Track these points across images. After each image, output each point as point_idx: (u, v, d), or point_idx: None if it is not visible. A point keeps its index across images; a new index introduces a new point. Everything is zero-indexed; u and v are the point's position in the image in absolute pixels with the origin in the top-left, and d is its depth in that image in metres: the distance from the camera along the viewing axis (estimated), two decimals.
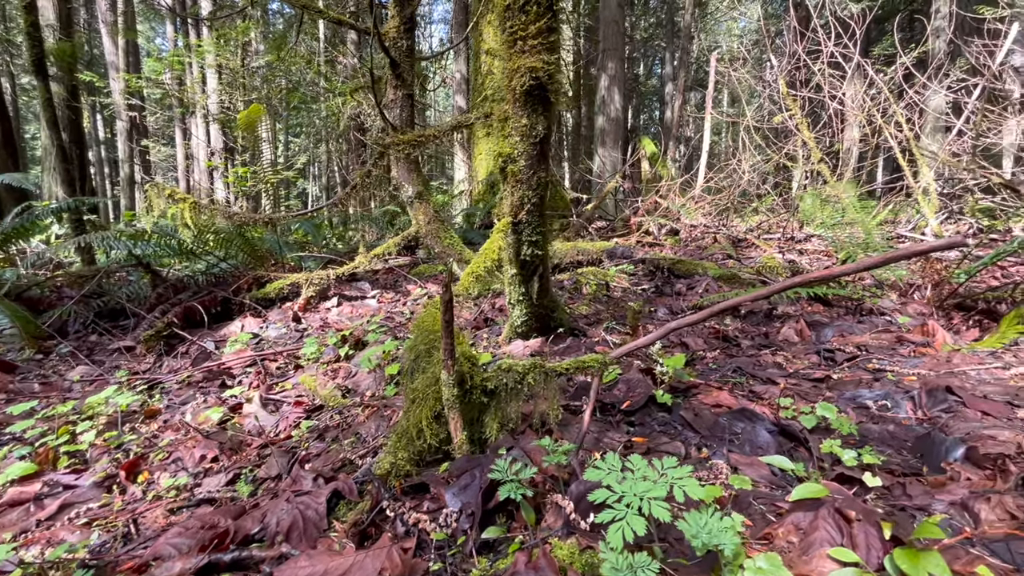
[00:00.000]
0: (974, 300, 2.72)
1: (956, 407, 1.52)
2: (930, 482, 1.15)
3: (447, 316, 1.06)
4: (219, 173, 12.94)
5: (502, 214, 1.74)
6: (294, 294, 3.95)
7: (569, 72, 20.22)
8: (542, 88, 1.57)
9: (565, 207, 7.46)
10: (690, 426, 1.43)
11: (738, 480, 1.05)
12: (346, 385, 1.98)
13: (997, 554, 0.91)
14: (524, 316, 2.03)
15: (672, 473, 0.79)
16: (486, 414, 1.21)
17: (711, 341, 2.45)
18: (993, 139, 5.96)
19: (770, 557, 0.75)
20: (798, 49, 6.14)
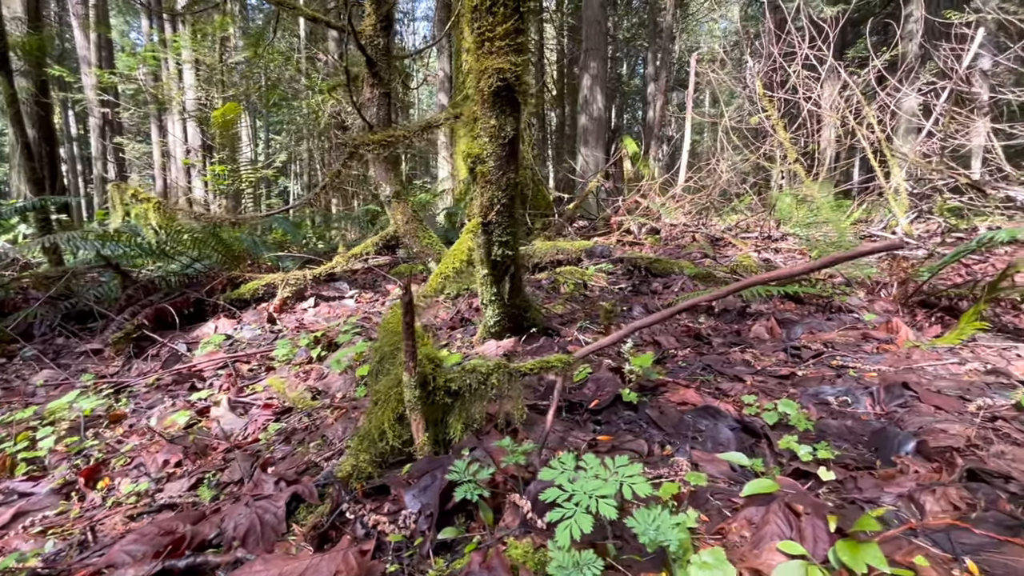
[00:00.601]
0: (937, 297, 2.81)
1: (912, 402, 1.57)
2: (881, 475, 1.19)
3: (408, 318, 1.06)
4: (197, 171, 12.70)
5: (472, 215, 1.75)
6: (270, 295, 3.90)
7: (553, 71, 20.27)
8: (510, 89, 1.57)
9: (547, 206, 7.48)
10: (655, 424, 1.45)
11: (694, 476, 1.07)
12: (317, 387, 1.96)
13: (938, 544, 0.95)
14: (497, 316, 2.04)
15: (623, 471, 0.80)
16: (450, 415, 1.21)
17: (684, 339, 2.49)
18: (962, 140, 6.13)
19: (715, 552, 0.76)
20: (774, 51, 6.25)
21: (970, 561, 0.88)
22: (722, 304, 3.10)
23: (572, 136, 16.52)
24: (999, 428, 1.36)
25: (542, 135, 19.59)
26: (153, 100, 13.18)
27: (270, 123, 21.36)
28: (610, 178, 10.03)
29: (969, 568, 0.86)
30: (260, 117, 21.53)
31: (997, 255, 4.04)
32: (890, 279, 3.08)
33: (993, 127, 5.98)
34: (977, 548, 0.92)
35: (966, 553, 0.91)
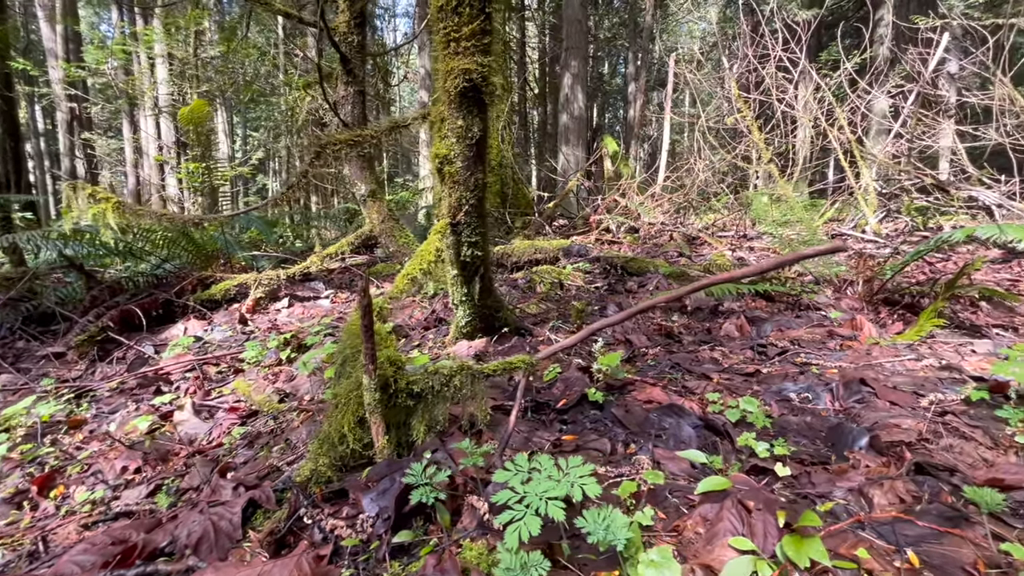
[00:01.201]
0: (900, 295, 2.89)
1: (869, 398, 1.61)
2: (834, 470, 1.22)
3: (366, 321, 1.05)
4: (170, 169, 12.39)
5: (440, 215, 1.74)
6: (242, 295, 3.83)
7: (535, 70, 20.28)
8: (476, 90, 1.57)
9: (527, 205, 7.49)
10: (620, 423, 1.47)
11: (652, 475, 1.08)
12: (285, 389, 1.94)
13: (883, 536, 0.98)
14: (468, 316, 2.04)
15: (575, 472, 0.81)
16: (413, 417, 1.21)
17: (655, 338, 2.52)
18: (929, 142, 6.32)
19: (662, 550, 0.78)
20: (749, 53, 6.35)
21: (911, 552, 0.91)
22: (695, 302, 3.14)
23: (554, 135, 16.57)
24: (948, 422, 1.41)
25: (524, 134, 19.59)
26: (124, 95, 12.82)
27: (247, 119, 20.97)
28: (591, 177, 10.09)
29: (910, 559, 0.89)
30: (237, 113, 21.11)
31: (959, 254, 4.17)
32: (856, 277, 3.16)
33: (958, 129, 6.17)
34: (919, 540, 0.96)
35: (909, 544, 0.94)
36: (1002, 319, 2.51)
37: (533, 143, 19.85)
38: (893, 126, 6.34)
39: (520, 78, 18.95)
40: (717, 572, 0.89)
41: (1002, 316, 2.55)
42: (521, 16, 17.13)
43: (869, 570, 0.86)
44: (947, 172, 6.73)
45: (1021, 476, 1.16)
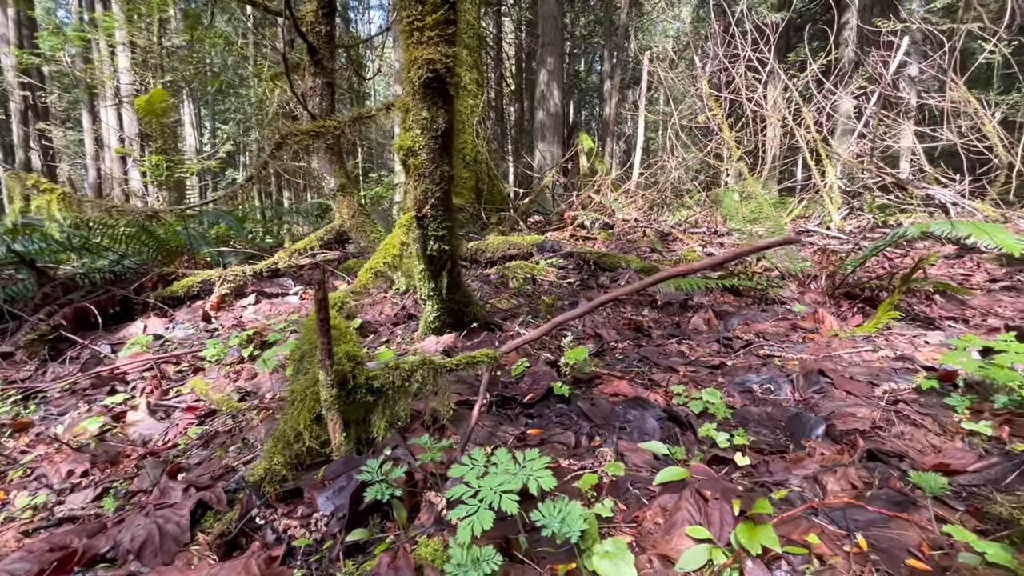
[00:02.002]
0: (861, 289, 2.98)
1: (827, 388, 1.66)
2: (791, 459, 1.25)
3: (322, 315, 1.02)
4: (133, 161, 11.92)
5: (406, 208, 1.71)
6: (207, 292, 3.71)
7: (511, 66, 20.21)
8: (441, 81, 1.54)
9: (502, 201, 7.48)
10: (586, 416, 1.47)
11: (613, 467, 1.08)
12: (246, 387, 1.88)
13: (835, 522, 1.00)
14: (436, 312, 2.01)
15: (531, 466, 0.80)
16: (373, 413, 1.18)
17: (625, 332, 2.54)
18: (890, 142, 6.53)
19: (616, 541, 0.78)
20: (719, 53, 6.46)
21: (860, 537, 0.93)
22: (665, 297, 3.18)
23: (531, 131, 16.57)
24: (901, 410, 1.46)
25: (501, 130, 19.53)
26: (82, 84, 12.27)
27: (216, 111, 20.37)
28: (567, 174, 10.13)
29: (859, 543, 0.92)
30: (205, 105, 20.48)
31: (916, 249, 4.34)
32: (820, 272, 3.25)
33: (917, 130, 6.40)
34: (869, 524, 0.98)
35: (859, 529, 0.97)
36: (954, 311, 2.61)
37: (510, 139, 19.81)
38: (857, 126, 6.55)
39: (497, 74, 18.87)
40: (674, 561, 0.89)
41: (954, 309, 2.65)
42: (497, 11, 17.05)
43: (819, 555, 0.88)
44: (907, 171, 6.97)
45: (965, 461, 1.21)
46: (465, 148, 7.10)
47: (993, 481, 1.13)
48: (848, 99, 7.58)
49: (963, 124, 5.60)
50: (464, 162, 7.14)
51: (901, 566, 0.86)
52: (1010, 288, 3.03)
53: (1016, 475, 1.12)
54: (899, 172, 6.59)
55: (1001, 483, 1.11)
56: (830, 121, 6.87)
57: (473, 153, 7.20)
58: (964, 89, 5.30)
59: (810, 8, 12.94)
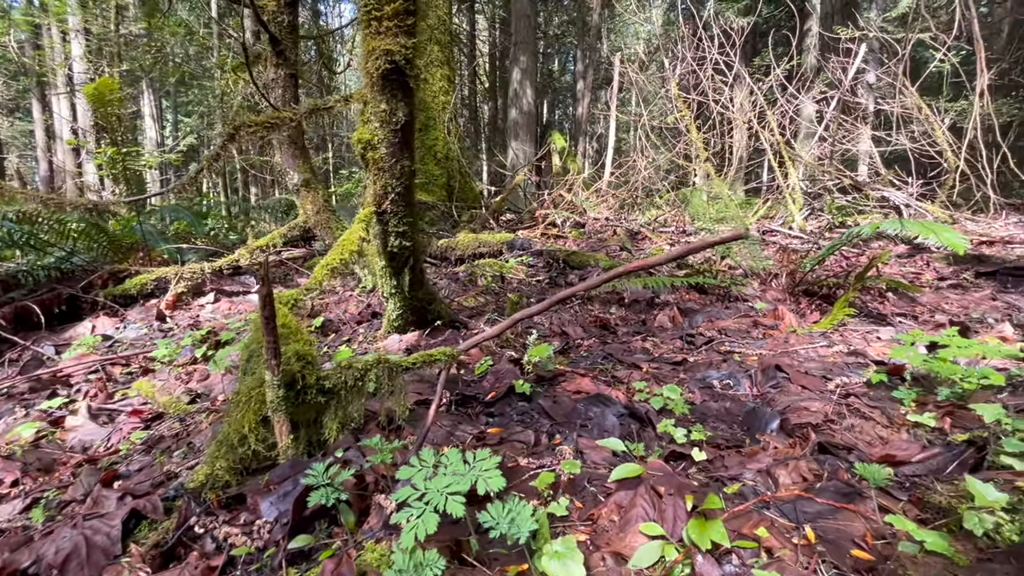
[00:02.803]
0: (819, 287, 3.07)
1: (783, 383, 1.69)
2: (746, 453, 1.26)
3: (267, 312, 0.98)
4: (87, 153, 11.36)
5: (365, 203, 1.66)
6: (162, 290, 3.55)
7: (485, 64, 20.14)
8: (400, 73, 1.50)
9: (474, 199, 7.45)
10: (547, 414, 1.46)
11: (569, 465, 1.08)
12: (198, 389, 1.80)
13: (785, 514, 1.01)
14: (399, 310, 1.97)
15: (481, 466, 0.78)
16: (325, 414, 1.14)
17: (591, 329, 2.55)
18: (849, 146, 6.77)
19: (566, 540, 0.76)
20: (687, 56, 6.57)
21: (809, 528, 0.95)
22: (632, 295, 3.21)
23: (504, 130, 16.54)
24: (851, 404, 1.50)
25: (475, 128, 19.45)
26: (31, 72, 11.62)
27: (178, 103, 19.62)
28: (540, 172, 10.15)
29: (807, 535, 0.93)
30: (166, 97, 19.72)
31: (872, 249, 4.51)
32: (781, 270, 3.33)
33: (875, 135, 6.65)
34: (817, 516, 1.00)
35: (807, 521, 0.98)
36: (905, 308, 2.72)
37: (483, 138, 19.74)
38: (818, 130, 6.77)
39: (470, 71, 18.78)
40: (628, 559, 0.89)
41: (905, 306, 2.76)
42: (471, 8, 16.96)
43: (768, 548, 0.89)
44: (865, 174, 7.25)
45: (910, 452, 1.25)
46: (436, 145, 7.03)
47: (935, 471, 1.17)
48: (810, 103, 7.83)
49: (915, 129, 5.86)
50: (435, 159, 7.06)
51: (846, 557, 0.87)
52: (956, 286, 3.17)
53: (956, 465, 1.16)
54: (857, 175, 6.84)
55: (942, 473, 1.15)
56: (793, 124, 7.08)
57: (444, 150, 7.14)
58: (916, 96, 5.54)
59: (775, 14, 13.32)
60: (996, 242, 4.37)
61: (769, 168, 8.34)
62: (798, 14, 8.40)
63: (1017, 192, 7.34)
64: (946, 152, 5.44)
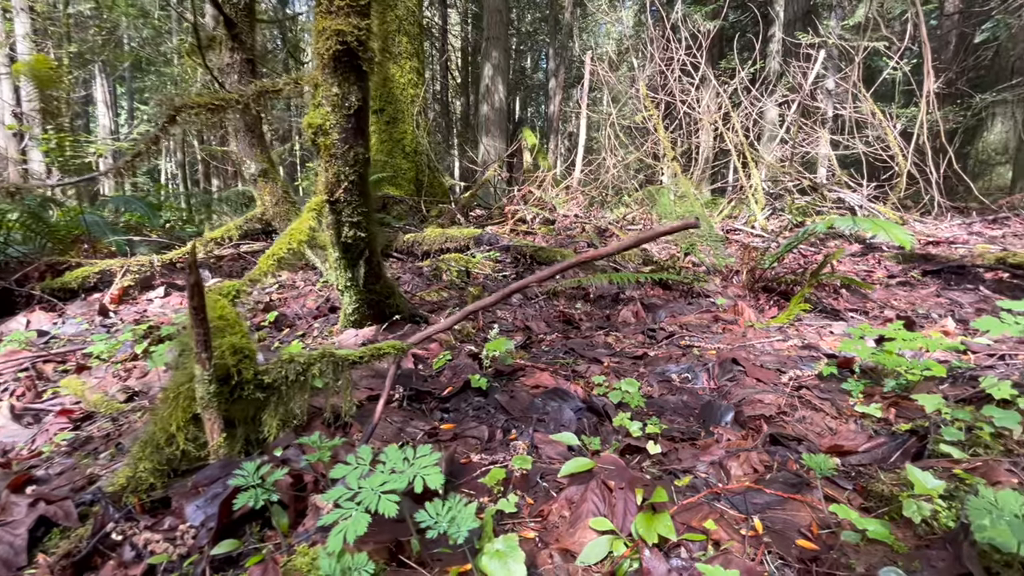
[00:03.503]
0: (777, 283, 3.15)
1: (740, 376, 1.71)
2: (700, 445, 1.26)
3: (196, 302, 0.91)
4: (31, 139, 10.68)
5: (317, 191, 1.59)
6: (107, 283, 3.36)
7: (458, 59, 19.95)
8: (352, 54, 1.44)
9: (443, 194, 7.37)
10: (504, 409, 1.43)
11: (520, 460, 1.05)
12: (135, 387, 1.69)
13: (735, 506, 1.01)
14: (355, 303, 1.90)
15: (420, 463, 0.74)
16: (265, 411, 1.08)
17: (555, 324, 2.53)
18: (809, 149, 7.00)
19: (507, 539, 0.73)
20: (655, 54, 6.65)
21: (757, 520, 0.95)
22: (598, 291, 3.22)
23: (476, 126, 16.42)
24: (803, 396, 1.52)
25: (446, 123, 19.27)
26: None
27: (133, 90, 18.71)
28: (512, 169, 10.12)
29: (755, 527, 0.93)
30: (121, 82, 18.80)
31: (828, 248, 4.67)
32: (742, 267, 3.40)
33: (833, 138, 6.89)
34: (766, 507, 1.00)
35: (756, 512, 0.98)
36: (857, 304, 2.81)
37: (455, 133, 19.58)
38: (779, 132, 6.97)
39: (442, 66, 18.58)
40: (576, 555, 0.86)
41: (857, 302, 2.85)
42: (443, 2, 16.76)
43: (716, 540, 0.88)
44: (823, 176, 7.50)
45: (857, 442, 1.27)
46: (405, 139, 6.92)
47: (880, 460, 1.19)
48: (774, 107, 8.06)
49: (869, 134, 6.10)
50: (404, 153, 6.95)
51: (791, 547, 0.87)
52: (904, 283, 3.31)
53: (899, 454, 1.19)
54: (816, 177, 7.07)
55: (886, 462, 1.17)
56: (756, 127, 7.27)
57: (413, 144, 7.03)
58: (871, 101, 5.76)
59: (741, 20, 13.65)
60: (941, 242, 4.60)
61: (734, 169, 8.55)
62: (762, 20, 8.63)
63: (961, 196, 7.75)
64: (897, 156, 5.69)
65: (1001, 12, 7.95)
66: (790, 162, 6.74)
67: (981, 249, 3.82)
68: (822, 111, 7.34)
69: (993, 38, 8.40)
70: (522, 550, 0.77)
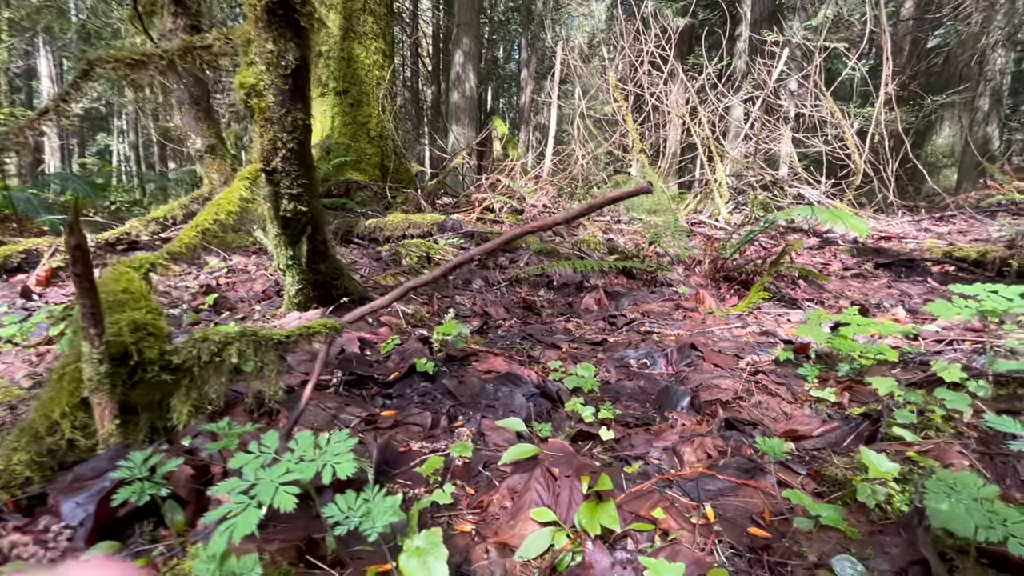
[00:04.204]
0: (739, 273, 3.16)
1: (698, 361, 1.68)
2: (654, 430, 1.21)
3: (80, 270, 0.78)
4: None
5: (251, 159, 1.46)
6: (35, 264, 3.08)
7: (428, 46, 19.53)
8: (287, 6, 1.31)
9: (409, 180, 7.19)
10: (451, 394, 1.34)
11: (460, 448, 0.96)
12: (45, 374, 1.52)
13: (687, 493, 0.96)
14: (299, 284, 1.77)
15: (333, 450, 0.65)
16: (175, 396, 0.96)
17: (515, 311, 2.46)
18: (771, 146, 7.13)
19: (431, 533, 0.65)
20: (625, 46, 6.63)
21: (709, 507, 0.89)
22: (562, 279, 3.16)
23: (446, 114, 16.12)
24: (760, 381, 1.50)
25: (416, 111, 18.89)
26: None
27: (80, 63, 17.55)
28: (482, 158, 9.97)
29: (706, 514, 0.88)
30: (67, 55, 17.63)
31: (788, 241, 4.75)
32: (704, 257, 3.40)
33: (795, 136, 7.04)
34: (718, 493, 0.95)
35: (708, 499, 0.93)
36: (814, 294, 2.85)
37: (426, 122, 19.22)
38: (744, 128, 7.08)
39: (412, 52, 18.17)
40: (516, 549, 0.79)
41: (814, 292, 2.89)
42: None
43: (665, 529, 0.82)
44: (785, 173, 7.68)
45: (811, 426, 1.24)
46: (370, 122, 6.70)
47: (833, 444, 1.16)
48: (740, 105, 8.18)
49: (828, 133, 6.26)
50: (368, 137, 6.73)
51: (743, 535, 0.82)
52: (858, 275, 3.38)
53: (853, 438, 1.17)
54: (777, 173, 7.23)
55: (840, 446, 1.15)
56: (723, 122, 7.37)
57: (379, 128, 6.81)
58: (830, 100, 5.90)
59: (710, 18, 13.83)
60: (892, 237, 4.76)
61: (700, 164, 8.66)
62: (731, 19, 8.74)
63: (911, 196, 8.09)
64: (854, 155, 5.86)
65: (952, 19, 8.30)
66: (753, 158, 6.86)
67: (929, 244, 3.96)
68: (784, 109, 7.50)
69: (944, 43, 8.76)
70: (455, 545, 0.69)
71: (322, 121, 6.67)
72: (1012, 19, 8.45)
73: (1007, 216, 5.27)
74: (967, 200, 6.49)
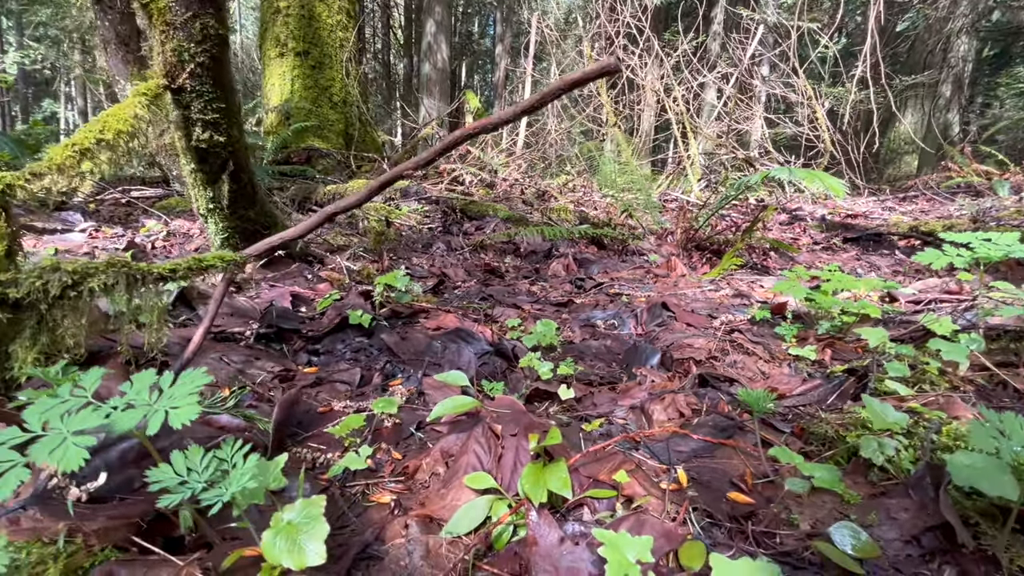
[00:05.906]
0: (710, 243, 3.06)
1: (669, 321, 1.54)
2: (620, 389, 1.07)
3: None
4: None
5: (152, 74, 1.22)
6: None
7: (400, 17, 18.78)
8: None
9: (376, 149, 6.89)
10: (390, 350, 1.16)
11: (383, 404, 0.79)
12: None
13: (656, 455, 0.81)
14: (223, 232, 1.54)
15: (172, 392, 0.46)
16: (17, 340, 0.75)
17: (476, 273, 2.28)
18: (744, 126, 7.08)
19: (309, 503, 0.48)
20: (602, 15, 6.41)
21: (681, 470, 0.75)
22: (530, 246, 3.00)
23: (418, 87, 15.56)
24: (735, 339, 1.37)
25: (387, 85, 18.26)
26: None
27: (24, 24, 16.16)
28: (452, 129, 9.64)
29: (678, 478, 0.73)
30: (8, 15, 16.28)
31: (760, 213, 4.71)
32: (676, 227, 3.29)
33: (767, 116, 7.00)
34: (693, 455, 0.81)
35: (681, 461, 0.79)
36: (785, 266, 2.77)
37: (398, 96, 18.57)
38: (718, 107, 7.00)
39: (383, 24, 17.48)
40: (444, 523, 0.63)
41: (785, 264, 2.82)
42: None
43: (629, 496, 0.67)
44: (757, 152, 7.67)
45: (791, 385, 1.12)
46: (333, 87, 6.33)
47: (816, 403, 1.04)
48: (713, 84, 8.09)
49: (799, 113, 6.23)
50: (331, 102, 6.38)
51: (722, 502, 0.68)
52: (827, 248, 3.34)
53: (836, 395, 1.05)
54: (750, 152, 7.20)
55: (824, 404, 1.03)
56: (697, 100, 7.27)
57: (342, 94, 6.45)
58: (804, 79, 5.86)
59: None
60: (859, 215, 4.79)
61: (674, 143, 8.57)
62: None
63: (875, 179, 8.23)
64: (823, 134, 5.85)
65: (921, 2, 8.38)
66: (726, 136, 6.80)
67: (896, 219, 3.96)
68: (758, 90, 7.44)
69: (913, 27, 8.86)
70: (368, 519, 0.52)
71: (281, 84, 6.25)
72: (976, 6, 8.60)
73: (966, 197, 5.38)
74: (928, 181, 6.61)
